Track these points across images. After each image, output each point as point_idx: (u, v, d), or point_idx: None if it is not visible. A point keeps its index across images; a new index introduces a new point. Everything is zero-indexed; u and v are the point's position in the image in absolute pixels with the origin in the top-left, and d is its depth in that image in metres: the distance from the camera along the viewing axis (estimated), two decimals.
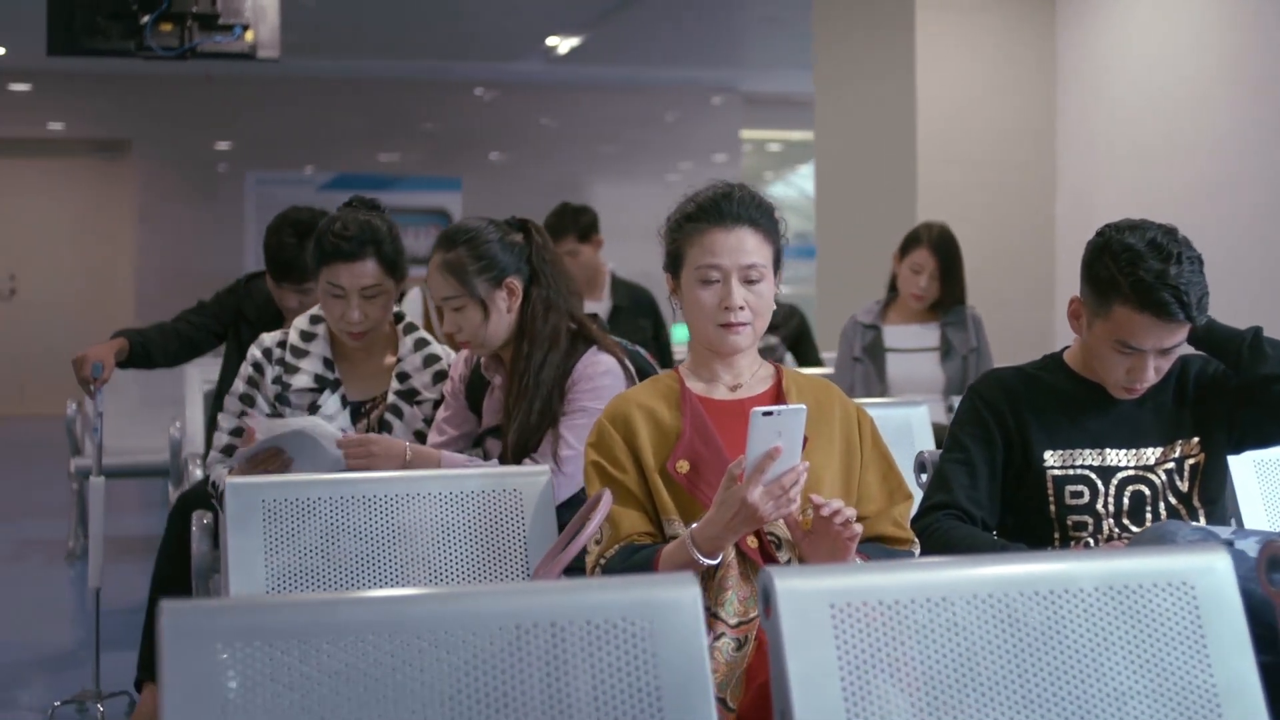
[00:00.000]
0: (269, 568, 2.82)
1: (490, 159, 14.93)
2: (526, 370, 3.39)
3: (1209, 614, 1.95)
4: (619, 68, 13.89)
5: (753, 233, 2.77)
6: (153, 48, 7.48)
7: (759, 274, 2.76)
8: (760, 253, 2.77)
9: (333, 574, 2.84)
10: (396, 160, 14.57)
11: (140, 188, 13.94)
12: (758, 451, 2.48)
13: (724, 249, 2.75)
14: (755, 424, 2.47)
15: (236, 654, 1.67)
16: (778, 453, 2.48)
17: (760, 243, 2.78)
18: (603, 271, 6.23)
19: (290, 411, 3.62)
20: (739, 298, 2.74)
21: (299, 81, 14.06)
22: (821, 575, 1.91)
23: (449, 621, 1.75)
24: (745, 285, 2.75)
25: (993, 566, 1.96)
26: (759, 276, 2.76)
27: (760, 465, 2.49)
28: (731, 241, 2.75)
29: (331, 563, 2.85)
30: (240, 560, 2.80)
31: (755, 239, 2.77)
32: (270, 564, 2.82)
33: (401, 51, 13.03)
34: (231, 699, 1.66)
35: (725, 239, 2.76)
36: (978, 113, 6.94)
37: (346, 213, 3.64)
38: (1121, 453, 2.97)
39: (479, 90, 14.86)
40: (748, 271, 2.75)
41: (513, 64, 13.59)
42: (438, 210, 14.28)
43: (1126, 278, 2.80)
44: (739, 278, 2.75)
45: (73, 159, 14.15)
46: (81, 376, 4.38)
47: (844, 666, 1.83)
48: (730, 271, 2.75)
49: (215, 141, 14.13)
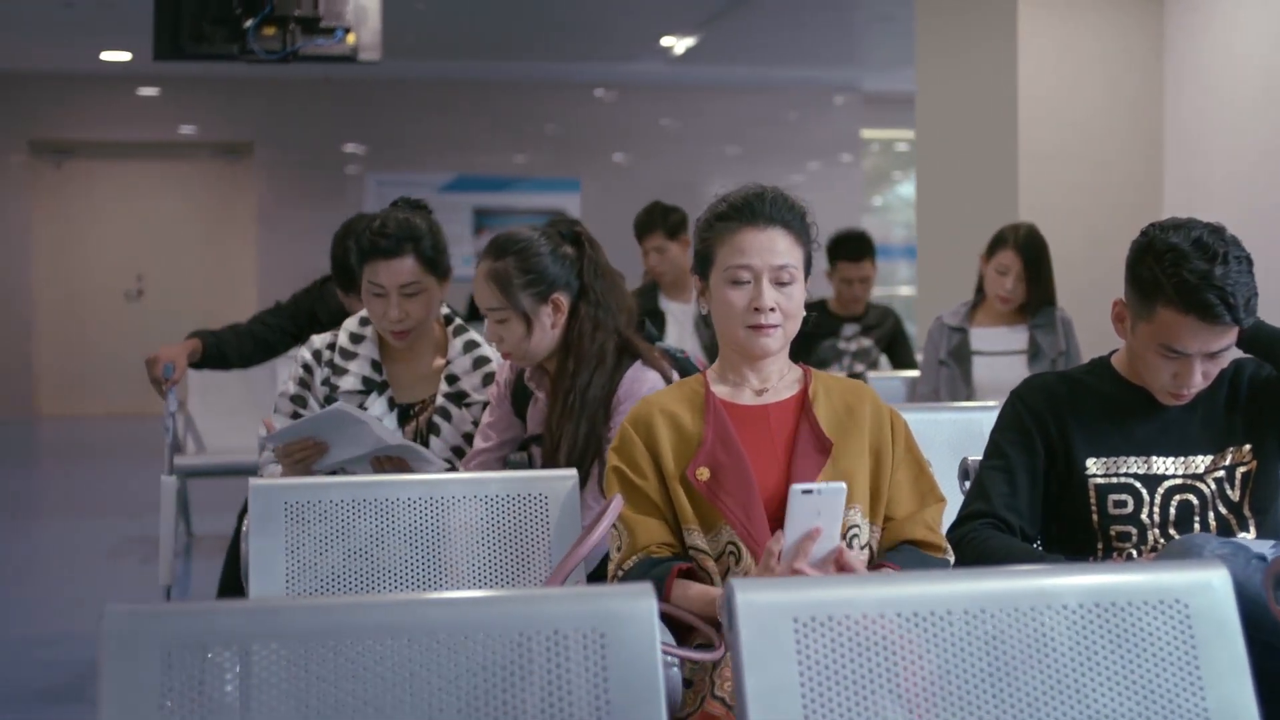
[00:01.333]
0: (290, 569, 2.80)
1: (615, 160, 14.93)
2: (572, 389, 3.32)
3: (1203, 634, 1.85)
4: (736, 67, 13.80)
5: (785, 234, 2.73)
6: (255, 51, 7.56)
7: (790, 276, 2.71)
8: (792, 254, 2.72)
9: (353, 577, 2.82)
10: (516, 161, 14.62)
11: (262, 190, 14.15)
12: (797, 530, 2.46)
13: (755, 249, 2.71)
14: (794, 502, 2.44)
15: (174, 661, 1.65)
16: (817, 533, 2.46)
17: (792, 245, 2.73)
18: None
19: None
20: (770, 299, 2.69)
21: (419, 84, 14.17)
22: (785, 588, 1.84)
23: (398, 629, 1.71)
24: (776, 287, 2.70)
25: (969, 581, 1.88)
26: (790, 279, 2.71)
27: (801, 546, 2.45)
28: (763, 241, 2.71)
29: (352, 565, 2.83)
30: (261, 561, 2.79)
31: (787, 240, 2.72)
32: (291, 565, 2.81)
33: (521, 53, 13.08)
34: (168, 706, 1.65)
35: (757, 239, 2.71)
36: (1081, 111, 6.76)
37: (388, 211, 3.64)
38: (1169, 460, 2.86)
39: (599, 91, 14.87)
40: (779, 273, 2.70)
41: (631, 65, 13.58)
42: (556, 211, 14.29)
43: (1170, 278, 2.69)
44: (770, 279, 2.70)
45: (197, 162, 14.40)
46: (153, 376, 4.43)
47: (806, 683, 1.76)
48: (761, 272, 2.70)
49: (336, 143, 14.29)
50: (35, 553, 7.99)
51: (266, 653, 1.70)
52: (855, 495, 2.67)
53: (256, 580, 2.78)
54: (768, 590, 1.81)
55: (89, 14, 10.48)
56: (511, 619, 1.77)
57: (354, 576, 2.82)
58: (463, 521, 2.89)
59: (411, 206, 3.69)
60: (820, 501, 2.45)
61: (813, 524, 2.45)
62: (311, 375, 3.66)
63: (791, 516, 2.45)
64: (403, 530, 2.87)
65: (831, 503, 2.46)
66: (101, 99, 13.94)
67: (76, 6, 10.45)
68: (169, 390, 4.47)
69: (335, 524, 2.84)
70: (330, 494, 2.87)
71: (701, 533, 2.66)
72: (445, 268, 3.63)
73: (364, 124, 14.32)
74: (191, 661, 1.64)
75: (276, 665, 1.69)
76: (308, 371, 3.67)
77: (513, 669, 1.74)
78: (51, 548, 7.80)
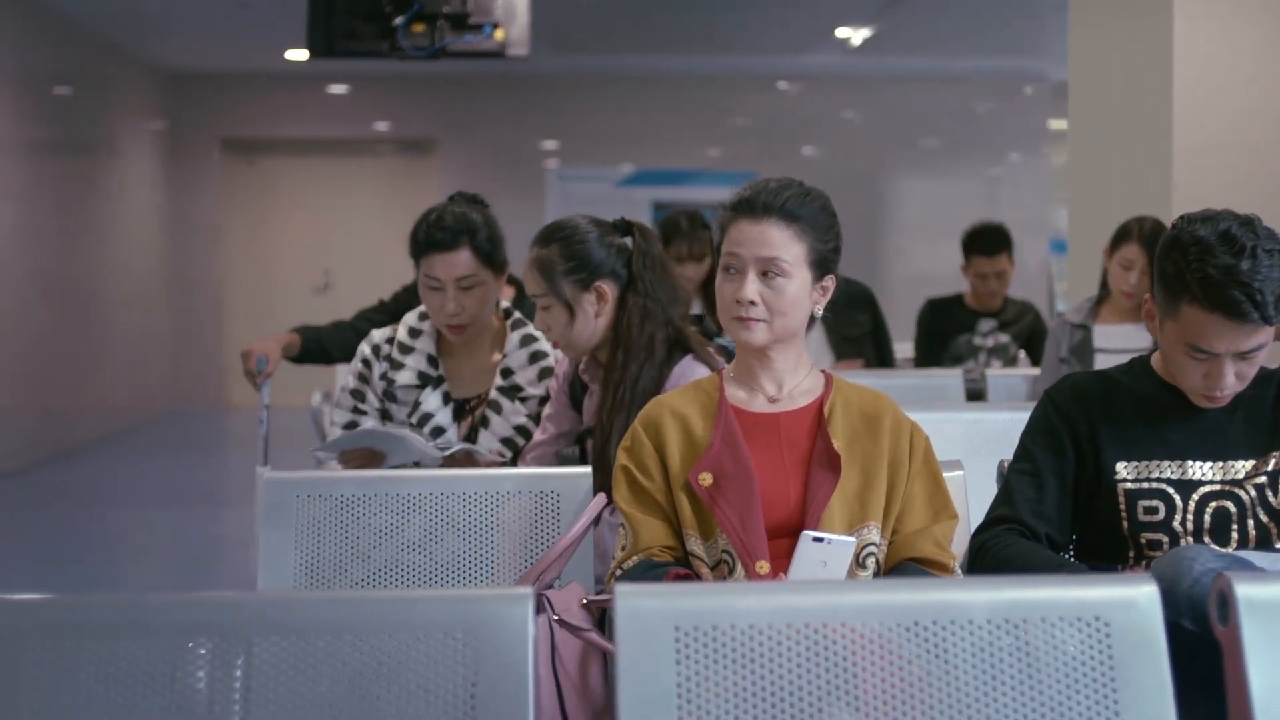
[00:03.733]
0: (298, 562, 2.81)
1: (803, 153, 14.80)
2: (622, 381, 3.28)
3: (1124, 654, 1.74)
4: (917, 59, 13.56)
5: (782, 226, 2.63)
6: (404, 48, 7.66)
7: (780, 269, 2.61)
8: (787, 248, 2.62)
9: (362, 571, 2.82)
10: (695, 155, 14.58)
11: (445, 185, 14.34)
12: (800, 574, 2.42)
13: (746, 240, 2.63)
14: (803, 546, 2.42)
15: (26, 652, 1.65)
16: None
17: (789, 238, 2.63)
18: None
19: (396, 408, 3.63)
20: (751, 291, 2.61)
21: (598, 79, 14.23)
22: (667, 595, 1.78)
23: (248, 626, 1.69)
24: (763, 279, 2.62)
25: (868, 593, 1.79)
26: (780, 272, 2.61)
27: None
28: (754, 233, 2.63)
29: (361, 559, 2.83)
30: (270, 553, 2.81)
31: (784, 233, 2.62)
32: (299, 558, 2.82)
33: (699, 47, 13.05)
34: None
35: (749, 230, 2.63)
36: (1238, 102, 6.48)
37: (445, 205, 3.64)
38: (1206, 465, 2.69)
39: (782, 84, 14.75)
40: (766, 264, 2.61)
41: (809, 57, 13.44)
42: None
43: (1194, 274, 2.54)
44: (756, 270, 2.62)
45: (382, 159, 14.68)
46: (246, 369, 4.49)
47: (683, 693, 1.70)
48: (748, 263, 2.62)
49: (518, 139, 14.42)
50: (222, 538, 8.24)
51: (135, 647, 1.69)
52: (870, 512, 2.58)
53: (265, 572, 2.80)
54: (650, 597, 1.75)
55: (267, 15, 10.74)
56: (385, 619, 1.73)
57: (363, 571, 2.82)
58: (474, 518, 2.87)
59: (468, 200, 3.68)
60: (828, 551, 2.41)
61: (817, 572, 2.40)
62: (370, 370, 3.68)
63: (798, 560, 2.42)
64: (414, 525, 2.85)
65: (839, 554, 2.42)
66: (290, 97, 14.30)
67: (254, 8, 10.73)
68: (262, 383, 4.52)
69: (346, 518, 2.84)
70: (341, 488, 2.87)
71: (700, 539, 2.60)
72: (501, 262, 3.61)
73: (544, 119, 14.43)
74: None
75: (143, 660, 1.69)
76: (366, 366, 3.69)
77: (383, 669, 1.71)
78: (236, 535, 8.01)
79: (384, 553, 2.83)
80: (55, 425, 11.30)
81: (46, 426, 11.14)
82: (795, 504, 2.57)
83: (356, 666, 1.69)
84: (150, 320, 13.58)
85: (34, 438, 10.88)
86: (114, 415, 12.54)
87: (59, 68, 11.87)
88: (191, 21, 11.78)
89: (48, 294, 11.23)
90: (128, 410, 12.80)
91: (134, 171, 13.48)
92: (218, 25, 11.75)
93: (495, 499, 2.88)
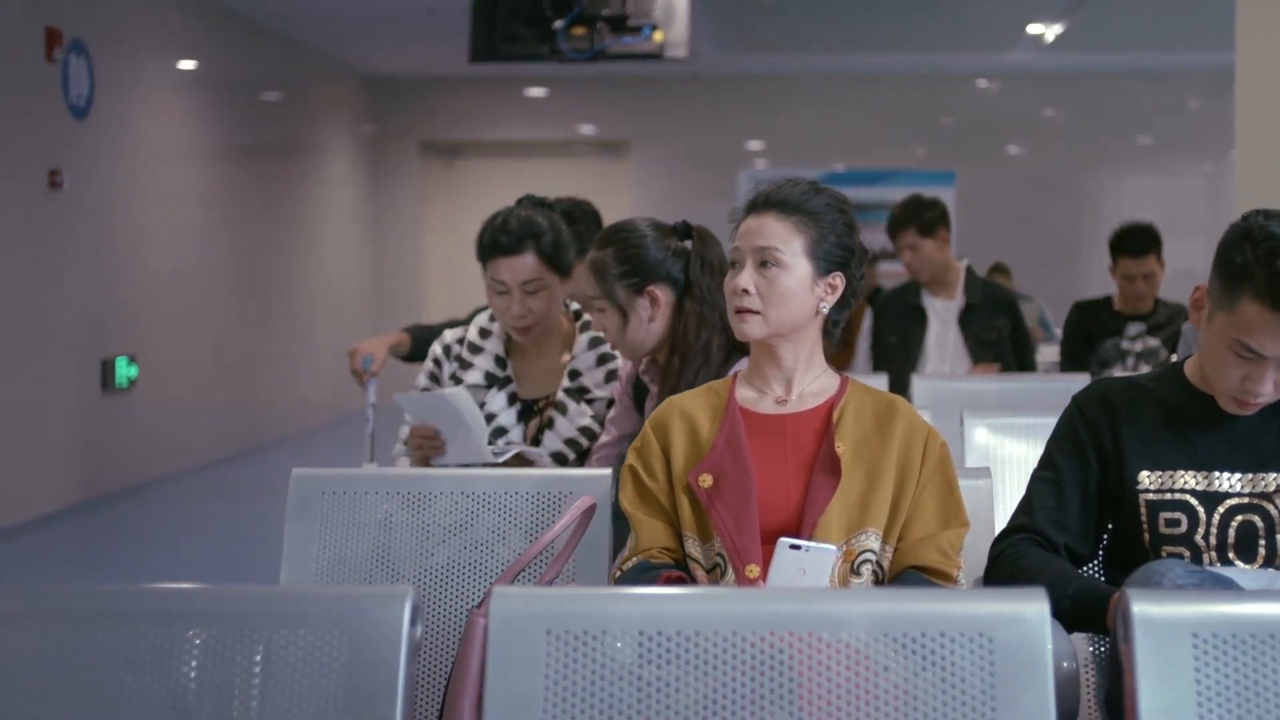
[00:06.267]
0: (319, 556, 2.87)
1: (1008, 152, 14.54)
2: (678, 386, 3.28)
3: (1007, 672, 1.67)
4: (1115, 54, 13.18)
5: (780, 218, 2.62)
6: (564, 51, 7.78)
7: (774, 259, 2.60)
8: (783, 238, 2.61)
9: (380, 567, 2.87)
10: (889, 155, 14.40)
11: (638, 186, 14.46)
12: (779, 582, 2.37)
13: (746, 233, 2.65)
14: (780, 553, 2.37)
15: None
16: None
17: (787, 229, 2.61)
18: (953, 268, 5.96)
19: None
20: (745, 280, 2.62)
21: (790, 79, 14.18)
22: (539, 599, 1.77)
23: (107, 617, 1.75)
24: (759, 270, 2.61)
25: (744, 602, 1.76)
26: (775, 261, 2.60)
27: None
28: (753, 225, 2.65)
29: (381, 556, 2.87)
30: (294, 547, 2.87)
31: (781, 225, 2.62)
32: (321, 553, 2.87)
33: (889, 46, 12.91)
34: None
35: (749, 224, 2.66)
36: None
37: (511, 209, 3.67)
38: (1234, 477, 2.57)
39: (981, 82, 14.49)
40: (762, 254, 2.61)
41: (1003, 54, 13.18)
42: None
43: (1264, 268, 2.42)
44: (754, 261, 2.62)
45: (578, 160, 14.83)
46: (353, 369, 4.59)
47: (550, 697, 1.70)
48: (746, 254, 2.63)
49: (710, 140, 14.44)
50: None
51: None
52: (871, 518, 2.53)
53: (288, 566, 2.86)
54: (522, 600, 1.75)
55: (453, 19, 10.95)
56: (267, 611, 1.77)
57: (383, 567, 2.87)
58: (494, 517, 2.89)
59: (535, 203, 3.72)
60: (806, 559, 2.36)
61: (796, 579, 2.35)
62: (440, 369, 3.74)
63: (775, 567, 2.37)
64: (435, 524, 2.89)
65: (818, 562, 2.36)
66: (485, 100, 14.55)
67: (441, 13, 10.94)
68: (368, 382, 4.61)
69: (369, 515, 2.89)
70: (365, 485, 2.91)
71: (698, 541, 2.58)
72: (566, 264, 3.63)
73: (739, 121, 14.43)
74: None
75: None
76: (437, 365, 3.75)
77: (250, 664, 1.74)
78: None
79: (404, 548, 2.87)
80: (258, 419, 11.70)
81: (250, 419, 11.55)
82: (795, 507, 2.54)
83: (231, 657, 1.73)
84: (350, 318, 13.96)
85: (238, 430, 11.30)
86: (314, 411, 12.92)
87: (267, 75, 12.30)
88: (386, 27, 12.08)
89: (253, 292, 11.66)
90: (329, 406, 13.17)
91: (336, 174, 13.89)
92: (409, 31, 12.02)
93: (515, 499, 2.90)
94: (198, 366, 10.65)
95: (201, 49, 10.81)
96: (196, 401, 10.55)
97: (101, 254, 9.14)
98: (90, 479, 9.03)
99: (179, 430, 10.22)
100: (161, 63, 10.26)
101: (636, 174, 14.48)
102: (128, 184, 9.49)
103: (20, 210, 8.23)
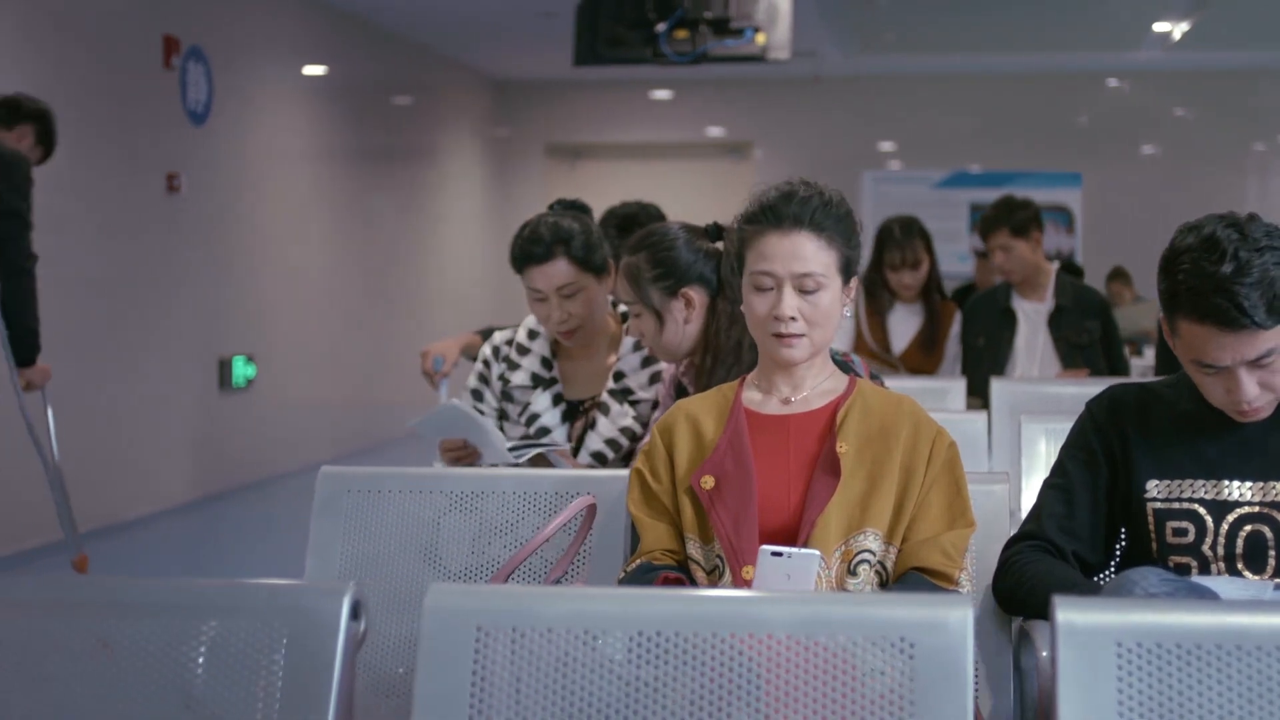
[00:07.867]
0: (344, 553, 2.93)
1: (1143, 152, 14.28)
2: (709, 386, 3.30)
3: (926, 679, 1.67)
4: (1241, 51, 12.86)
5: (812, 238, 2.59)
6: (667, 54, 7.81)
7: (815, 283, 2.58)
8: (819, 260, 2.59)
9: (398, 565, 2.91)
10: (1014, 156, 14.20)
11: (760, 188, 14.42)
12: (764, 589, 2.37)
13: (778, 255, 2.59)
14: (763, 561, 2.37)
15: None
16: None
17: (820, 249, 2.59)
18: (1045, 270, 5.88)
19: (511, 408, 3.72)
20: (790, 307, 2.58)
21: (911, 80, 14.08)
22: (472, 596, 1.80)
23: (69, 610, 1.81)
24: (800, 295, 2.58)
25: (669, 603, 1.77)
26: (815, 286, 2.58)
27: None
28: (786, 247, 2.59)
29: (403, 553, 2.92)
30: (319, 544, 2.93)
31: (814, 244, 2.59)
32: (345, 550, 2.93)
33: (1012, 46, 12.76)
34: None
35: (780, 244, 2.59)
36: None
37: (540, 216, 3.70)
38: (1244, 485, 2.52)
39: (1113, 81, 14.25)
40: (802, 280, 2.58)
41: (1129, 53, 12.94)
42: (1058, 207, 13.78)
43: (1181, 286, 2.40)
44: (793, 286, 2.58)
45: (700, 161, 14.86)
46: (424, 369, 4.66)
47: (477, 693, 1.73)
48: (783, 279, 2.59)
49: (832, 142, 14.37)
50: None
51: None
52: (871, 518, 2.52)
53: (313, 562, 2.92)
54: (456, 596, 1.78)
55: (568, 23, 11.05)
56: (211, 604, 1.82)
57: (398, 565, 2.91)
58: (511, 517, 2.92)
59: (567, 207, 3.74)
60: (790, 565, 2.35)
61: (781, 585, 2.35)
62: (489, 370, 3.78)
63: (759, 573, 2.38)
64: (455, 522, 2.93)
65: (802, 568, 2.36)
66: (608, 102, 14.64)
67: (560, 16, 11.04)
68: (440, 382, 4.68)
69: (390, 511, 2.94)
70: (388, 483, 2.97)
71: (699, 543, 2.59)
72: (600, 265, 3.65)
73: (862, 121, 14.36)
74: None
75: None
76: (486, 366, 3.79)
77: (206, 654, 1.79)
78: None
79: (425, 546, 2.91)
80: (375, 420, 11.88)
81: (368, 420, 11.73)
82: (796, 508, 2.53)
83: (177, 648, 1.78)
84: (472, 320, 14.09)
85: (354, 430, 11.49)
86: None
87: (397, 79, 12.50)
88: (509, 31, 12.21)
89: (374, 294, 11.85)
90: None
91: (461, 176, 14.06)
92: (530, 34, 12.14)
93: (532, 499, 2.93)
94: (316, 367, 10.85)
95: (323, 54, 11.02)
96: (313, 401, 10.75)
97: (219, 256, 9.36)
98: (207, 476, 9.25)
99: (295, 429, 10.43)
100: (282, 69, 10.48)
101: (759, 176, 14.45)
102: (246, 187, 9.72)
103: (138, 213, 8.47)
